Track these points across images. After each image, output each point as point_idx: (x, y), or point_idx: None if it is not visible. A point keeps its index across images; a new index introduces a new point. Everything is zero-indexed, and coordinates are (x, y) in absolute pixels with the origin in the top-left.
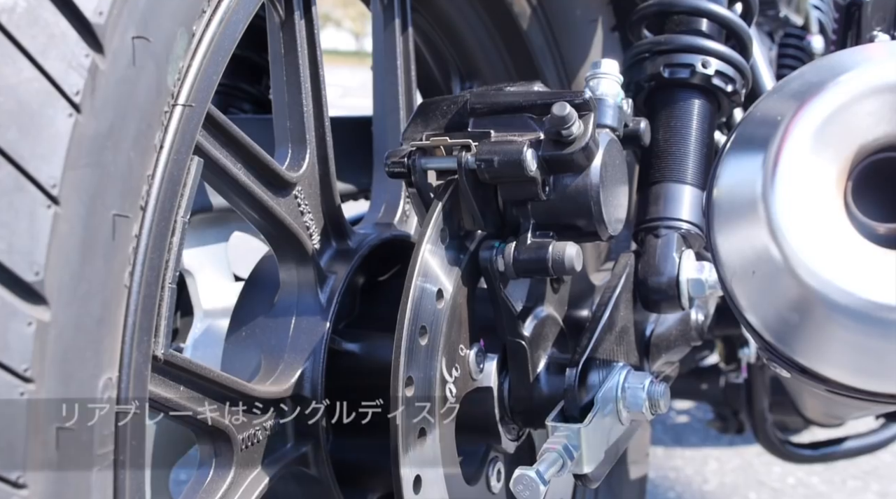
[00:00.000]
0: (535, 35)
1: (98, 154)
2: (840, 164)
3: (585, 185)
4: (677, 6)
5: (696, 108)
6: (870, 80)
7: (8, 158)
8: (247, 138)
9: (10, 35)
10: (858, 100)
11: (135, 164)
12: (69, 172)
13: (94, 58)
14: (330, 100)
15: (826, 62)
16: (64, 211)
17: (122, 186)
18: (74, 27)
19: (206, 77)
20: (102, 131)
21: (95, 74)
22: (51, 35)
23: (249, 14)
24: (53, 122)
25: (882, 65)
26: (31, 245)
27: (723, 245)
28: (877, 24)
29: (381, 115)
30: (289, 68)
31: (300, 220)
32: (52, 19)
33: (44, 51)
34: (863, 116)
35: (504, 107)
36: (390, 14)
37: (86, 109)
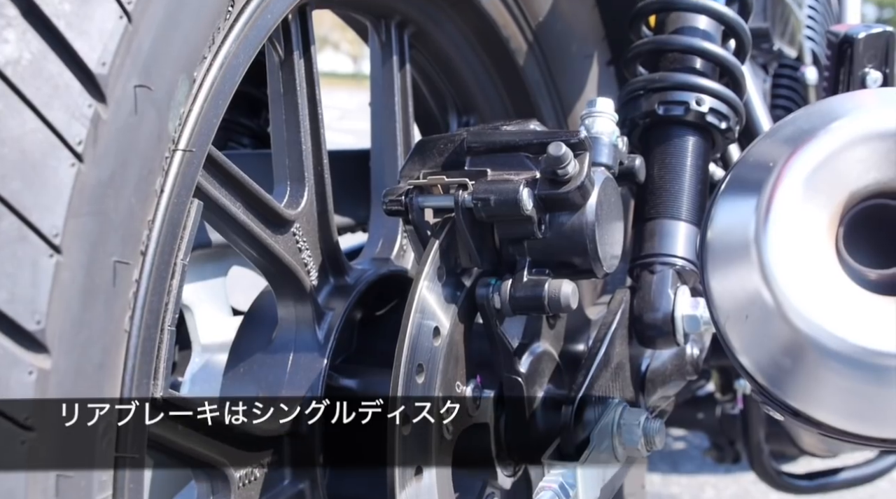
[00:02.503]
0: (532, 70)
1: (100, 202)
2: (831, 210)
3: (581, 223)
4: (671, 44)
5: (691, 145)
6: (860, 128)
7: (11, 208)
8: (246, 177)
9: (15, 87)
10: (849, 147)
11: (136, 210)
12: (71, 221)
13: (96, 107)
14: (328, 122)
15: (818, 108)
16: (66, 259)
17: (122, 233)
18: (78, 78)
19: (207, 121)
20: (104, 179)
21: (98, 124)
22: (55, 86)
23: (250, 58)
24: (56, 173)
25: (872, 112)
26: (32, 294)
27: (716, 287)
28: (868, 61)
29: (378, 151)
30: (288, 107)
31: (298, 256)
32: (56, 71)
33: (48, 102)
34: (853, 163)
35: (500, 146)
36: (388, 52)
37: (88, 158)
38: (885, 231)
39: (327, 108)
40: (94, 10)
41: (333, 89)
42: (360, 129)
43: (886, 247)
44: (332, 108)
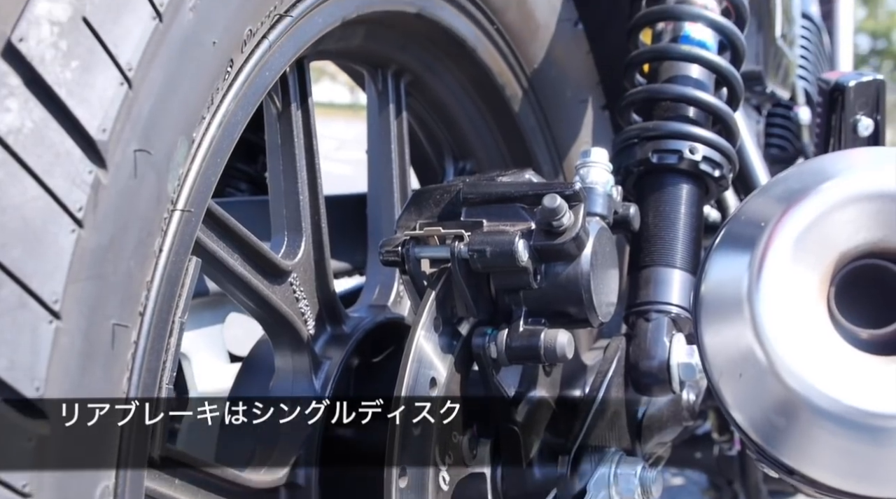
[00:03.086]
0: (527, 116)
1: (99, 266)
2: (823, 270)
3: (576, 273)
4: (664, 93)
5: (685, 193)
6: (849, 189)
7: (12, 276)
8: (244, 230)
9: (17, 156)
10: (838, 208)
11: (134, 272)
12: (71, 287)
13: (96, 173)
14: (325, 152)
15: (810, 167)
16: (65, 325)
17: (121, 295)
18: (79, 145)
19: (205, 179)
20: (103, 243)
21: (98, 189)
22: (56, 154)
23: (248, 114)
24: (57, 239)
25: (862, 173)
26: (32, 361)
27: (709, 343)
28: (860, 108)
29: (375, 198)
30: (285, 158)
31: (295, 306)
32: (57, 138)
33: (49, 169)
34: (843, 224)
35: (496, 197)
36: (385, 100)
37: (88, 224)
38: (876, 291)
39: (324, 138)
40: (96, 78)
41: (331, 119)
42: (356, 159)
43: (878, 306)
44: (330, 139)
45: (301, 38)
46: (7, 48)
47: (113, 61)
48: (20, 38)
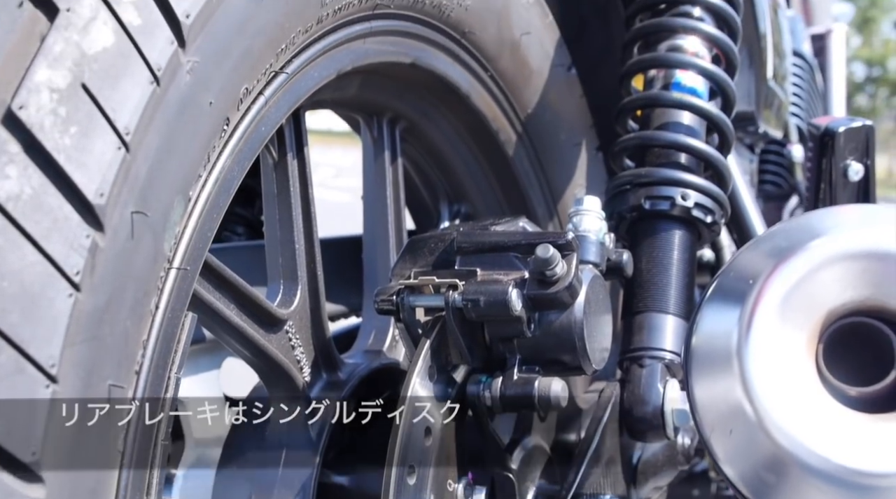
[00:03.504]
0: (521, 160)
1: (95, 328)
2: (811, 327)
3: (570, 322)
4: (656, 140)
5: (677, 239)
6: (837, 248)
7: (10, 341)
8: (240, 280)
9: (16, 222)
10: (826, 267)
11: (131, 332)
12: (68, 350)
13: (94, 237)
14: (323, 180)
15: (800, 224)
16: (62, 388)
17: (117, 356)
18: (77, 209)
19: (202, 236)
20: (100, 305)
21: (95, 253)
22: (54, 219)
23: (245, 169)
24: (54, 304)
25: (849, 232)
26: (29, 425)
27: (700, 397)
28: (850, 153)
29: (371, 243)
30: (281, 206)
31: (291, 354)
32: (55, 204)
33: (47, 235)
34: (830, 283)
35: (490, 246)
36: (380, 147)
37: (85, 287)
38: (864, 348)
39: (322, 166)
40: (94, 143)
41: (328, 147)
42: (354, 186)
43: (866, 364)
44: (327, 166)
45: (297, 93)
46: (7, 115)
47: (111, 126)
48: (20, 105)
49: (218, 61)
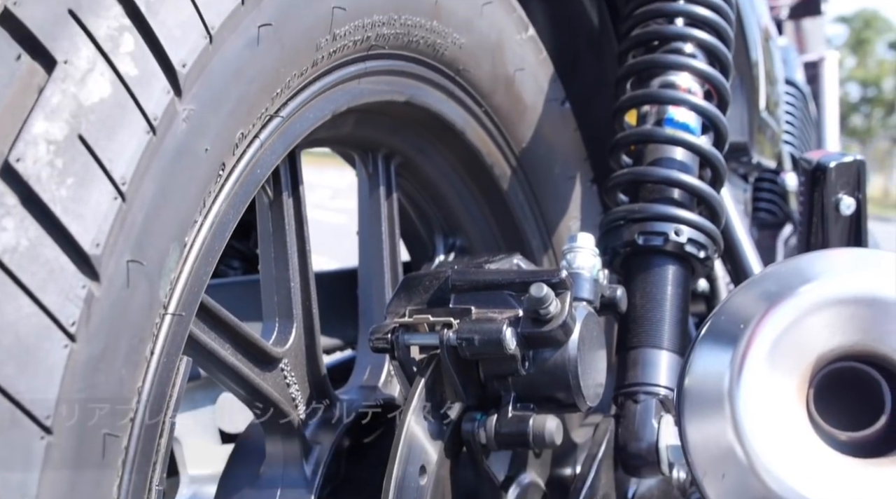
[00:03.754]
0: (516, 193)
1: (91, 377)
2: (801, 372)
3: (564, 360)
4: (649, 176)
5: (671, 274)
6: (826, 294)
7: (5, 394)
8: (235, 320)
9: (12, 274)
10: (816, 312)
11: (125, 379)
12: (63, 401)
13: (90, 287)
14: (320, 201)
15: (792, 267)
16: (56, 439)
17: (112, 405)
18: (73, 260)
19: (197, 279)
20: (95, 354)
21: (91, 303)
22: (50, 270)
23: (240, 212)
24: (50, 355)
25: (839, 277)
26: (24, 478)
27: (693, 438)
28: (841, 187)
29: (366, 277)
30: (276, 245)
31: (286, 392)
32: (52, 255)
33: (43, 286)
34: (820, 328)
35: (484, 284)
36: (375, 182)
37: (80, 337)
38: (854, 393)
39: (318, 187)
40: (91, 194)
41: (324, 168)
42: (351, 208)
43: (856, 409)
44: (324, 188)
45: (292, 135)
46: (5, 168)
47: (107, 176)
48: (17, 158)
49: (214, 108)
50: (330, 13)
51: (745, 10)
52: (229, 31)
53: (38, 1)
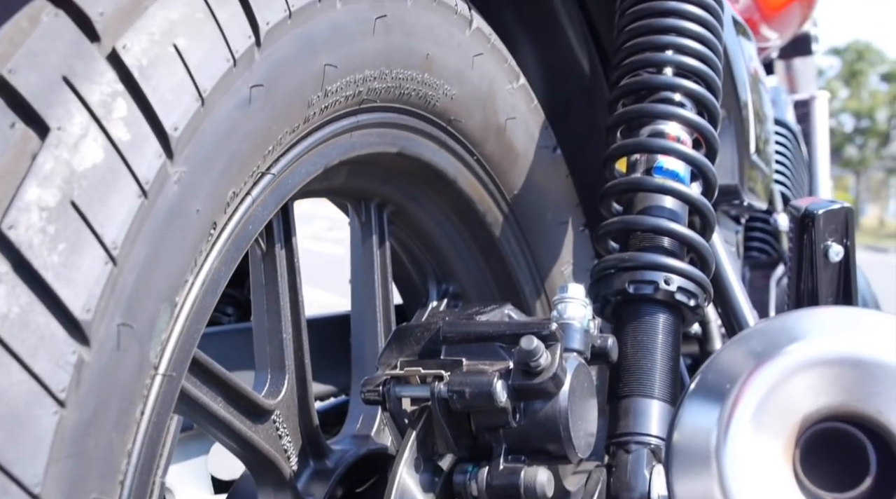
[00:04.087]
0: (508, 240)
1: (80, 442)
2: (787, 432)
3: (555, 411)
4: (639, 225)
5: (661, 323)
6: (812, 354)
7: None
8: (227, 374)
9: (2, 342)
10: (801, 372)
11: (115, 442)
12: (52, 467)
13: (80, 352)
14: (317, 233)
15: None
16: None
17: (102, 468)
18: (63, 326)
19: (189, 338)
20: (85, 419)
21: (81, 368)
22: (41, 337)
23: (231, 269)
24: (39, 422)
25: (825, 337)
26: None
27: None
28: (829, 235)
29: (359, 326)
30: (269, 297)
31: (278, 444)
32: (42, 321)
33: (33, 353)
34: (805, 388)
35: (475, 336)
36: (368, 231)
37: (70, 403)
38: (840, 454)
39: (316, 219)
40: (82, 259)
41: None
42: (347, 239)
43: (841, 470)
44: (322, 218)
45: (284, 190)
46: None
47: (99, 241)
48: (10, 225)
49: (205, 169)
50: (321, 71)
51: (734, 54)
52: (221, 93)
53: (33, 68)
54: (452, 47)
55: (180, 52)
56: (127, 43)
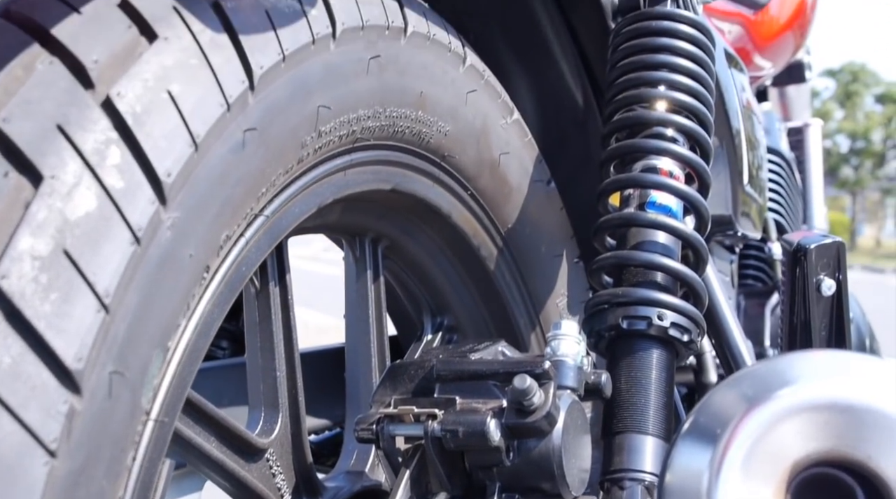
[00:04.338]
0: (502, 273)
1: (71, 493)
2: (778, 477)
3: (548, 450)
4: (632, 260)
5: (655, 359)
6: (802, 399)
7: None
8: (220, 413)
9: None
10: (791, 417)
11: (107, 490)
12: None
13: (71, 402)
14: (314, 254)
15: (769, 370)
16: None
17: None
18: (55, 375)
19: (181, 382)
20: (76, 469)
21: (72, 418)
22: (32, 387)
23: (224, 311)
24: (30, 473)
25: (818, 381)
26: None
27: None
28: (822, 269)
29: (353, 361)
30: (263, 335)
31: (271, 482)
32: (34, 371)
33: (25, 404)
34: (795, 433)
35: (468, 374)
36: (362, 266)
37: (61, 453)
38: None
39: (314, 240)
40: (74, 308)
41: None
42: None
43: None
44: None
45: (278, 230)
46: None
47: (91, 290)
48: (2, 275)
49: (199, 214)
50: (315, 112)
51: (727, 86)
52: (215, 137)
53: (27, 117)
54: (446, 84)
55: (174, 98)
56: (121, 90)
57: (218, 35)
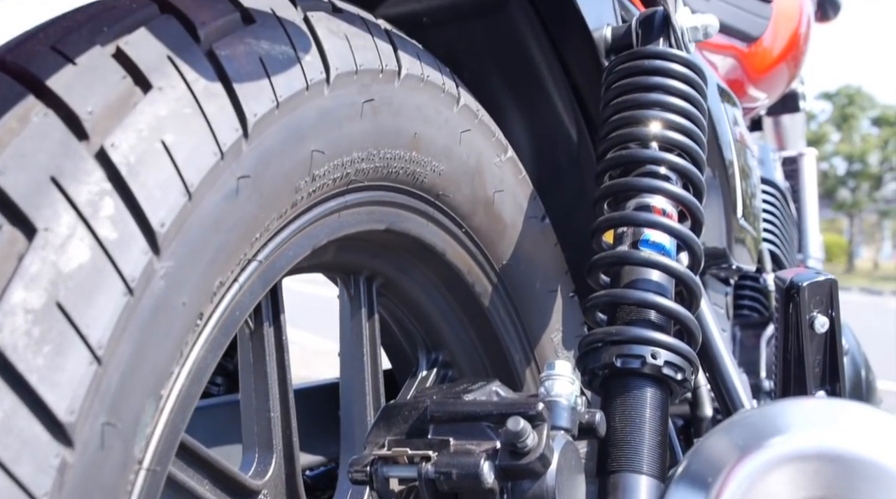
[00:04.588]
0: (497, 309)
1: None
2: None
3: (542, 491)
4: (626, 298)
5: (649, 397)
6: (792, 448)
7: None
8: (213, 456)
9: None
10: (782, 466)
11: None
12: None
13: (63, 455)
14: (312, 276)
15: (760, 418)
16: None
17: None
18: (47, 428)
19: (174, 428)
20: None
21: (64, 471)
22: (24, 441)
23: (218, 356)
24: None
25: (808, 430)
26: None
27: None
28: (815, 306)
29: (348, 399)
30: (257, 376)
31: None
32: (25, 425)
33: (16, 459)
34: (785, 483)
35: (462, 416)
36: (357, 304)
37: None
38: None
39: None
40: (67, 361)
41: None
42: None
43: None
44: None
45: (272, 273)
46: None
47: (84, 342)
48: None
49: (192, 262)
50: (309, 156)
51: (719, 121)
52: (208, 186)
53: (21, 169)
54: (440, 125)
55: (168, 147)
56: (115, 141)
57: (212, 83)
